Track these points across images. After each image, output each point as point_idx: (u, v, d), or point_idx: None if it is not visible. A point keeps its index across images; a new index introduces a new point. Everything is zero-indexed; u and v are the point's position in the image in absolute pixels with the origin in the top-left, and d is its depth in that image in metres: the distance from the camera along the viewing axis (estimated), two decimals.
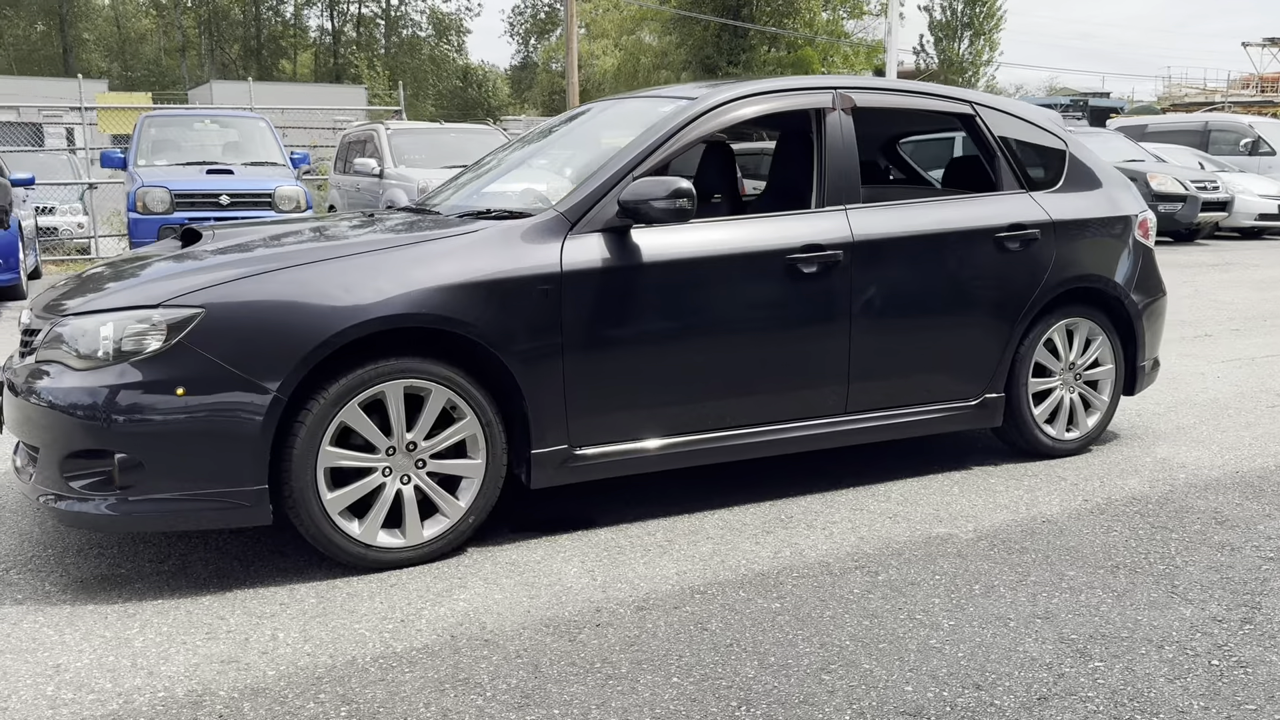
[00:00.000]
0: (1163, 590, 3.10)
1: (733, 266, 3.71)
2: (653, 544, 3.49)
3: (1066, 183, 4.55)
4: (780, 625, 2.87)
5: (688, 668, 2.62)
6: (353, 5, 62.10)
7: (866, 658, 2.68)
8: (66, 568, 3.30)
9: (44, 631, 2.84)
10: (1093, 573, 3.24)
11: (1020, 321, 4.29)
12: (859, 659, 2.67)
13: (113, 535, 3.55)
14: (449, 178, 4.60)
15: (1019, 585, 3.14)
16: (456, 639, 2.78)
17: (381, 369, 3.16)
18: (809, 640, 2.78)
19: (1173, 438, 4.84)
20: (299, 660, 2.66)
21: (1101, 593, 3.08)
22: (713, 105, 3.87)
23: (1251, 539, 3.53)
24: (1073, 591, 3.09)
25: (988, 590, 3.11)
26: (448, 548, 3.35)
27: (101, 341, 3.01)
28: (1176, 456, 4.53)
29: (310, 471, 3.10)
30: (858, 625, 2.87)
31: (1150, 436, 4.88)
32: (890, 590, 3.11)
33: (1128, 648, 2.73)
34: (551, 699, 2.47)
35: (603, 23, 55.29)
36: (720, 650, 2.72)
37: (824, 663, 2.65)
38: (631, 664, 2.64)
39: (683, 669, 2.61)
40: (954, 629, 2.85)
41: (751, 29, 40.65)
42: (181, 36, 61.35)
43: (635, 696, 2.48)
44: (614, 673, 2.60)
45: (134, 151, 10.34)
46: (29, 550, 3.45)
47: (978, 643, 2.76)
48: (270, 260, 3.20)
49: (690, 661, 2.65)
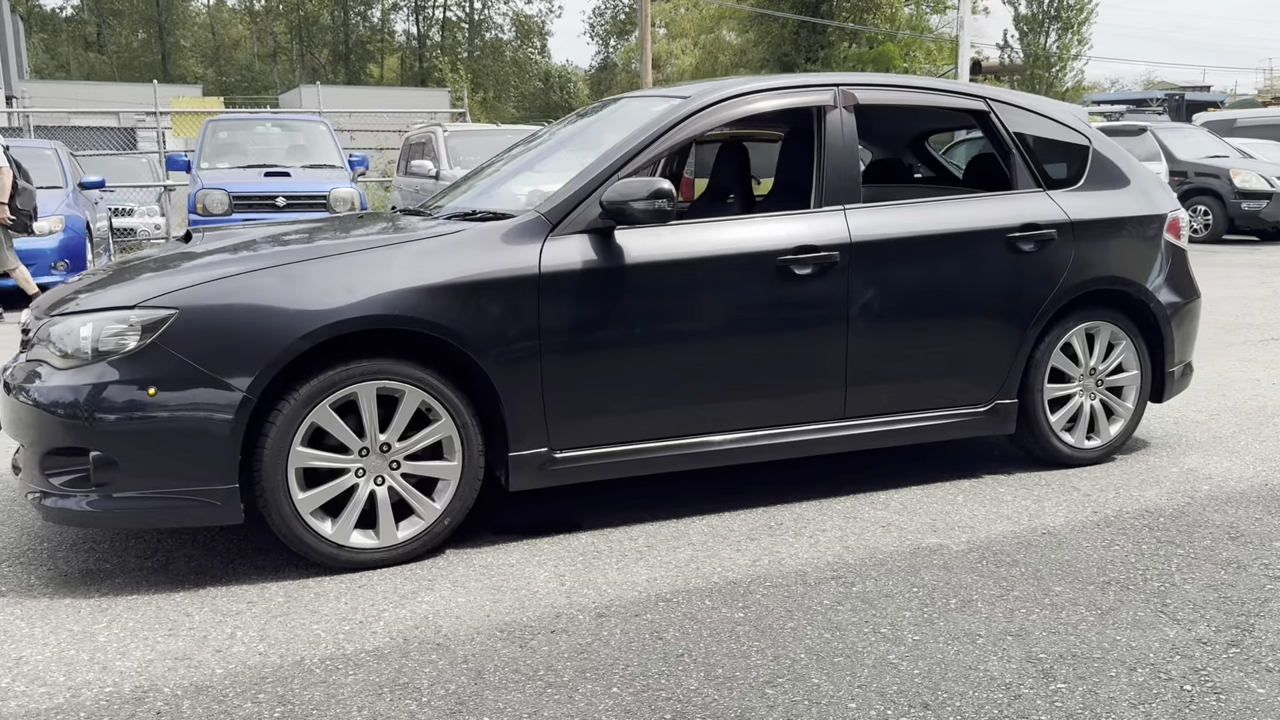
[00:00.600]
0: (1151, 609, 2.95)
1: (720, 268, 3.64)
2: (632, 549, 3.45)
3: (1089, 181, 4.38)
4: (738, 636, 2.80)
5: (631, 678, 2.57)
6: (438, 10, 63.13)
7: (818, 672, 2.60)
8: (56, 562, 3.39)
9: (16, 624, 2.91)
10: (1081, 588, 3.10)
11: (1034, 325, 4.13)
12: (809, 673, 2.59)
13: (106, 531, 3.63)
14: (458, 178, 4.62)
15: (998, 600, 3.02)
16: (408, 642, 2.78)
17: (353, 370, 3.18)
18: (763, 652, 2.71)
19: (1207, 447, 4.62)
20: (249, 659, 2.69)
21: (1084, 610, 2.95)
22: (704, 105, 3.81)
23: (1262, 556, 3.34)
24: (1054, 608, 2.96)
25: (964, 604, 3.00)
26: (423, 549, 3.35)
27: (81, 341, 3.08)
28: (1205, 467, 4.32)
29: (281, 472, 3.13)
30: (818, 638, 2.79)
31: (1182, 445, 4.67)
32: (861, 602, 3.01)
33: (1097, 669, 2.61)
34: (485, 706, 2.45)
35: (682, 22, 55.29)
36: (670, 660, 2.66)
37: (772, 676, 2.58)
38: (575, 672, 2.61)
39: (625, 679, 2.57)
40: (917, 644, 2.75)
41: (830, 25, 40.18)
42: (273, 42, 63.08)
43: (571, 706, 2.45)
44: (556, 681, 2.56)
45: (198, 154, 10.64)
46: (25, 544, 3.55)
47: (938, 659, 2.66)
48: (245, 263, 3.24)
49: (635, 671, 2.61)
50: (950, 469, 4.32)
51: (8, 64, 43.97)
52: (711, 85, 3.94)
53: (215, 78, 62.48)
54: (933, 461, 4.43)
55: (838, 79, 4.06)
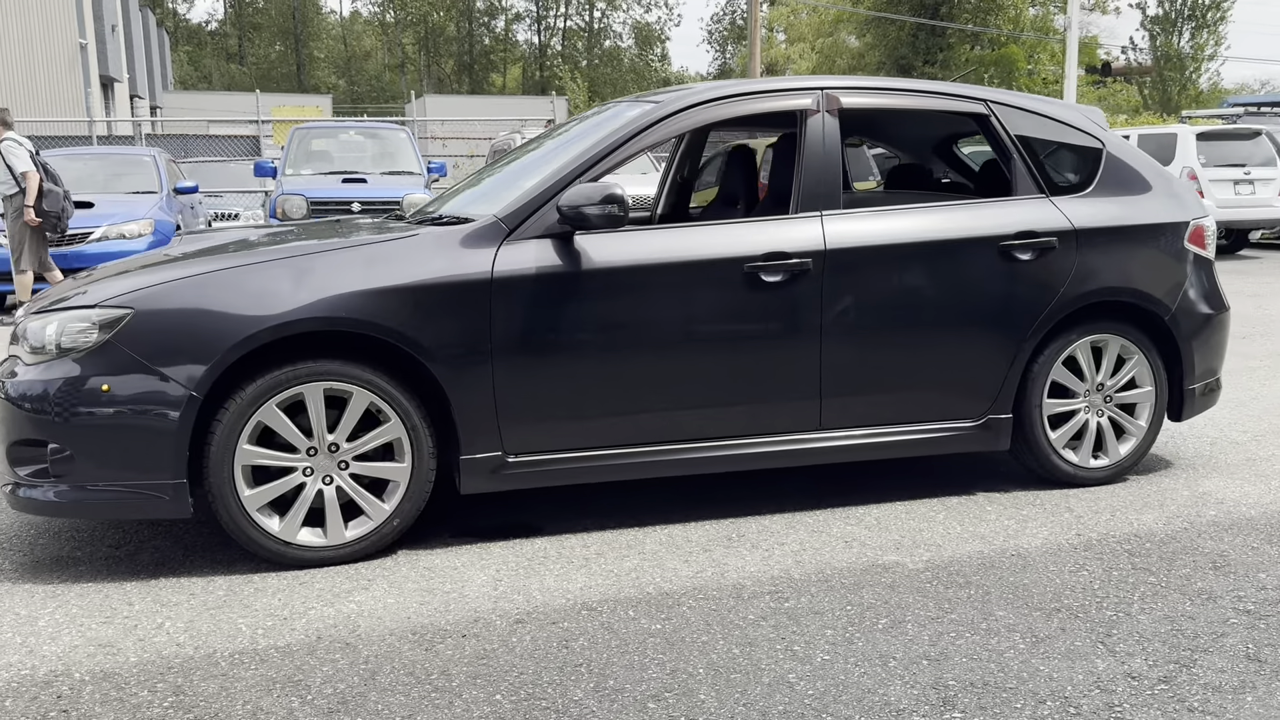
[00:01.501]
0: (1091, 639, 2.79)
1: (683, 275, 3.59)
2: (580, 556, 3.43)
3: (1100, 186, 4.16)
4: (645, 648, 2.76)
5: (518, 686, 2.56)
6: (559, 19, 64.10)
7: (709, 688, 2.54)
8: (34, 549, 3.56)
9: None
10: (1025, 614, 2.95)
11: (1030, 337, 3.95)
12: (699, 689, 2.54)
13: (89, 521, 3.79)
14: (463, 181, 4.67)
15: (931, 622, 2.90)
16: (320, 640, 2.82)
17: (299, 371, 3.25)
18: (663, 665, 2.66)
19: (1233, 470, 4.34)
20: (166, 649, 2.77)
21: (1018, 637, 2.80)
22: (676, 110, 3.77)
23: (1239, 587, 3.12)
24: (987, 634, 2.83)
25: (893, 625, 2.88)
26: (371, 549, 3.40)
27: (47, 338, 3.23)
28: (1221, 491, 4.06)
29: (228, 469, 3.22)
30: (724, 653, 2.72)
31: (1207, 467, 4.39)
32: (787, 619, 2.93)
33: (1004, 700, 2.48)
34: (365, 707, 2.47)
35: (800, 26, 54.84)
36: (565, 670, 2.64)
37: (660, 690, 2.53)
38: (467, 678, 2.61)
39: (513, 687, 2.56)
40: (824, 664, 2.66)
41: (949, 28, 39.23)
42: (401, 53, 65.05)
43: (449, 711, 2.45)
44: (444, 686, 2.57)
45: (284, 161, 11.05)
46: (13, 531, 3.74)
47: (839, 681, 2.57)
48: (202, 265, 3.35)
49: (526, 680, 2.59)
50: (944, 485, 4.17)
51: (153, 76, 46.53)
52: (685, 90, 3.90)
53: (346, 88, 64.79)
54: (927, 476, 4.28)
55: (823, 82, 3.96)
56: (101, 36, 33.69)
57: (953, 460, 4.48)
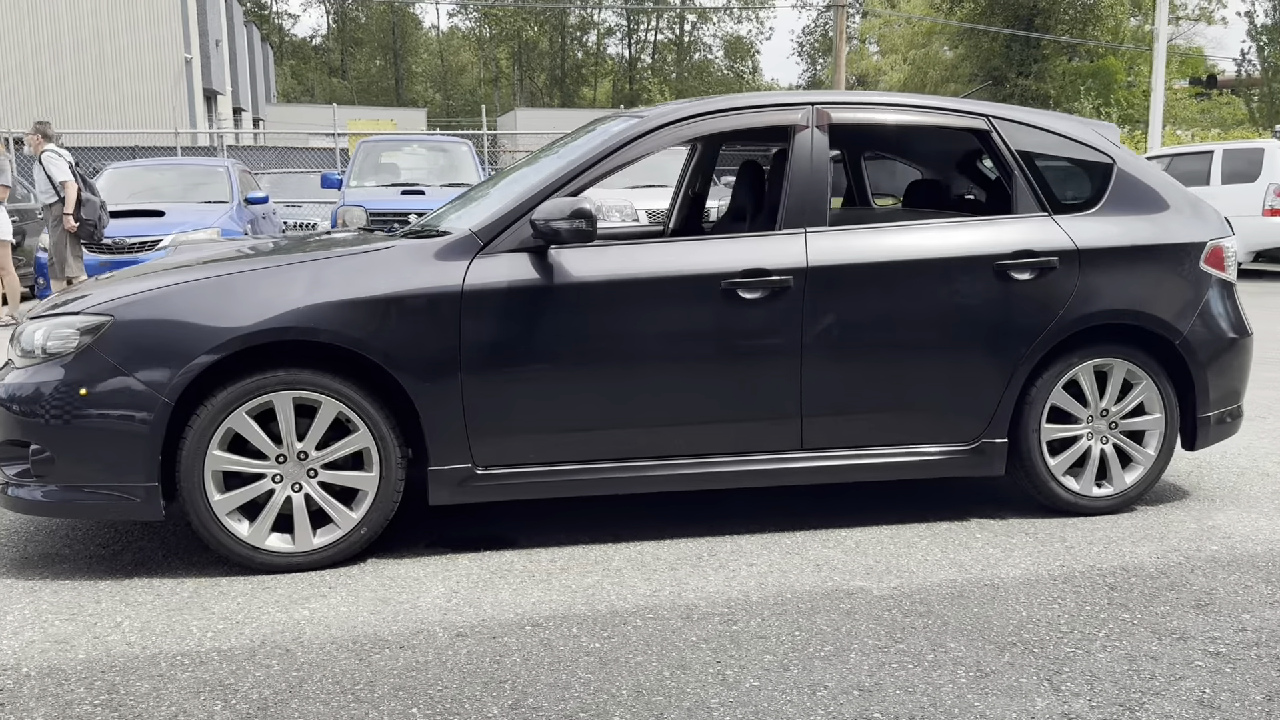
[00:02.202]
0: (1038, 676, 2.68)
1: (658, 290, 3.57)
2: (543, 571, 3.43)
3: (1109, 204, 4.01)
4: (577, 667, 2.74)
5: (437, 700, 2.57)
6: (650, 33, 64.47)
7: (626, 710, 2.51)
8: (26, 546, 3.70)
9: None
10: (978, 647, 2.85)
11: (1025, 359, 3.82)
12: (615, 711, 2.51)
13: (82, 521, 3.91)
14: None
15: (876, 651, 2.82)
16: (263, 645, 2.87)
17: (268, 380, 3.31)
18: (587, 685, 2.64)
19: (1254, 503, 4.13)
20: (115, 648, 2.85)
21: (962, 671, 2.71)
22: (658, 125, 3.75)
23: (1215, 628, 2.96)
24: (931, 666, 2.74)
25: (837, 653, 2.81)
26: (339, 556, 3.45)
27: (35, 343, 3.36)
28: (1232, 525, 3.87)
29: (198, 473, 3.30)
30: (653, 675, 2.69)
31: (1226, 498, 4.19)
32: (729, 642, 2.88)
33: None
34: (284, 714, 2.50)
35: (892, 38, 54.14)
36: (490, 687, 2.64)
37: (576, 711, 2.51)
38: (391, 689, 2.62)
39: (432, 701, 2.56)
40: (751, 691, 2.60)
41: (1044, 39, 38.29)
42: (495, 68, 66.16)
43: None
44: (366, 697, 2.59)
45: (349, 173, 11.32)
46: (12, 528, 3.88)
47: (760, 709, 2.51)
48: (182, 275, 3.44)
49: (448, 694, 2.60)
50: (937, 510, 4.05)
51: (256, 89, 48.18)
52: (671, 106, 3.88)
53: (442, 101, 66.17)
54: (921, 501, 4.16)
55: (815, 97, 3.90)
56: (206, 51, 35.02)
57: (952, 485, 4.36)
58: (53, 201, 9.11)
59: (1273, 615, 3.06)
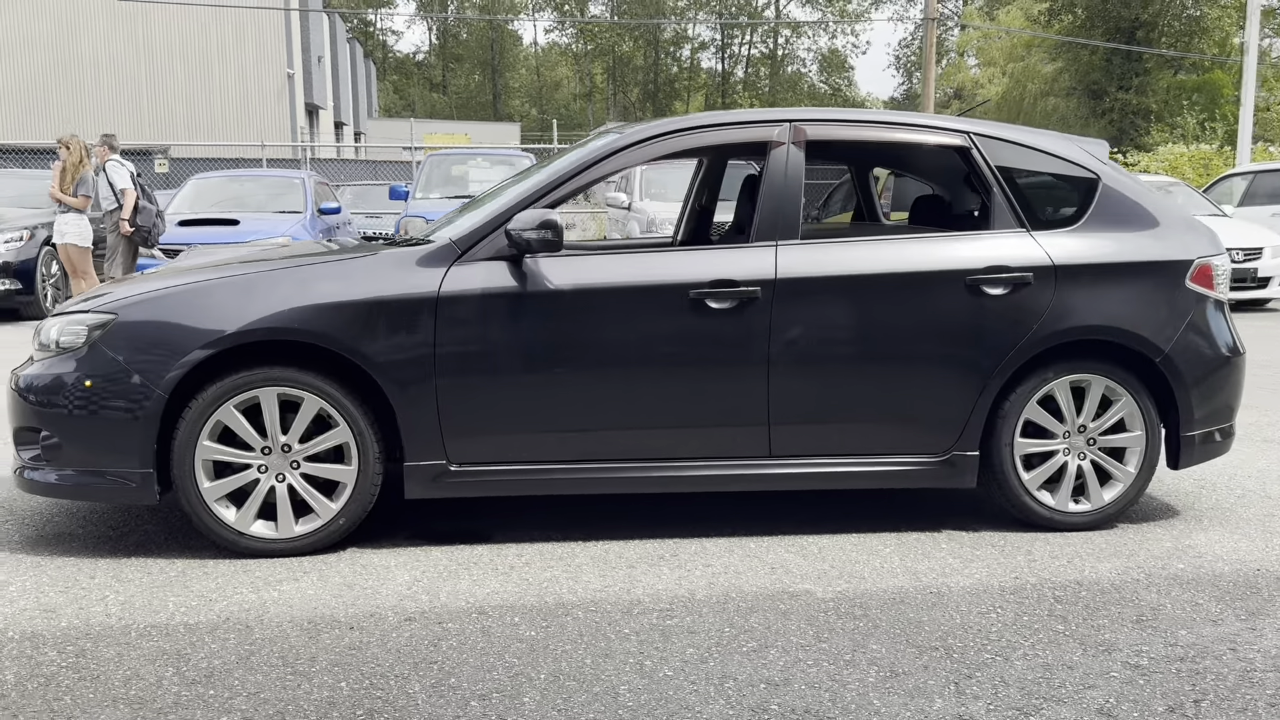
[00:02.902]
0: (946, 680, 2.74)
1: (627, 299, 3.72)
2: (506, 565, 3.59)
3: (1092, 221, 4.02)
4: (506, 652, 2.89)
5: (366, 676, 2.75)
6: (744, 47, 64.57)
7: (538, 693, 2.66)
8: (45, 525, 4.00)
9: None
10: (899, 650, 2.91)
11: (997, 374, 3.86)
12: (527, 693, 2.66)
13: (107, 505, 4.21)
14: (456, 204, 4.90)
15: (796, 649, 2.91)
16: (227, 622, 3.09)
17: (254, 376, 3.56)
18: (509, 669, 2.79)
19: (1240, 525, 4.08)
20: (94, 619, 3.11)
21: (873, 672, 2.78)
22: (636, 140, 3.90)
23: (1146, 642, 2.97)
24: (845, 665, 2.82)
25: (758, 650, 2.91)
26: (319, 544, 3.66)
27: (51, 337, 3.67)
28: (1207, 545, 3.83)
29: (189, 462, 3.55)
30: (575, 662, 2.83)
31: (1213, 518, 4.14)
32: (659, 636, 3.00)
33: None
34: (224, 682, 2.70)
35: (990, 51, 53.24)
36: (418, 666, 2.81)
37: (491, 691, 2.67)
38: (328, 665, 2.81)
39: (361, 677, 2.74)
40: (663, 680, 2.72)
41: (1146, 52, 37.26)
42: (589, 83, 66.98)
43: (293, 692, 2.66)
44: (304, 670, 2.78)
45: (415, 185, 11.71)
46: (39, 509, 4.21)
47: (664, 697, 2.63)
48: (184, 278, 3.71)
49: (378, 672, 2.78)
50: (912, 520, 4.09)
51: (357, 104, 49.71)
52: (652, 122, 4.02)
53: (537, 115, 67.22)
54: (900, 511, 4.21)
55: (793, 114, 4.01)
56: (308, 67, 36.33)
57: (934, 497, 4.39)
58: (113, 208, 9.70)
59: (1210, 632, 3.05)
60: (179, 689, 2.67)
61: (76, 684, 2.69)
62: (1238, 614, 3.19)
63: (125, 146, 18.36)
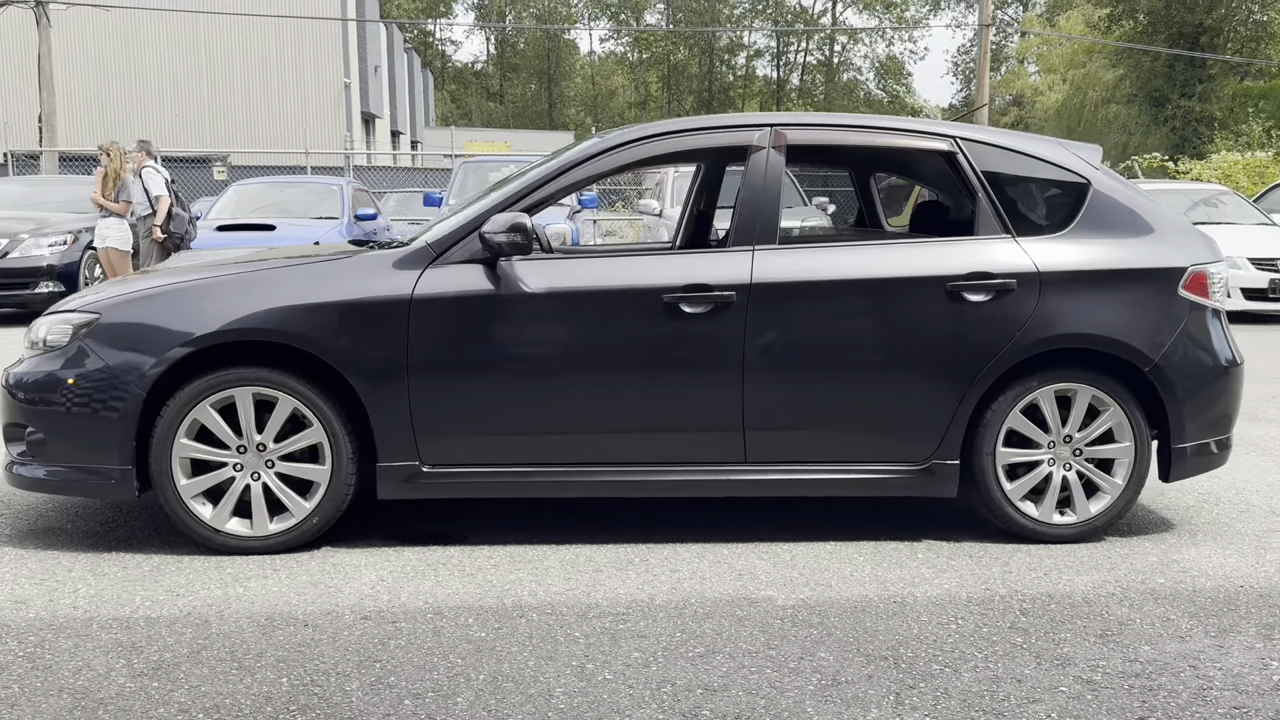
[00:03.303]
0: (888, 690, 2.70)
1: (600, 303, 3.72)
2: (475, 566, 3.61)
3: (1081, 227, 3.94)
4: (452, 653, 2.91)
5: (307, 673, 2.78)
6: (799, 54, 64.30)
7: (473, 693, 2.66)
8: (37, 520, 4.10)
9: None
10: (847, 659, 2.88)
11: (978, 381, 3.79)
12: (463, 693, 2.67)
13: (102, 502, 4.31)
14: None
15: (744, 655, 2.88)
16: (187, 615, 3.15)
17: (230, 376, 3.62)
18: (450, 669, 2.80)
19: (1236, 541, 3.96)
20: (61, 610, 3.18)
21: (816, 679, 2.75)
22: (612, 145, 3.91)
23: (1104, 658, 2.90)
24: (789, 673, 2.79)
25: (704, 655, 2.89)
26: (294, 543, 3.71)
27: (39, 336, 3.77)
28: (1196, 561, 3.72)
29: (167, 459, 3.62)
30: (518, 664, 2.83)
31: (1209, 533, 4.03)
32: (608, 639, 3.00)
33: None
34: (171, 675, 2.75)
35: (1051, 58, 52.43)
36: (362, 664, 2.83)
37: (426, 690, 2.68)
38: (274, 661, 2.85)
39: (303, 673, 2.77)
40: (601, 683, 2.72)
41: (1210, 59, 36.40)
42: (644, 91, 67.17)
43: (235, 685, 2.69)
44: (249, 665, 2.82)
45: (449, 191, 11.83)
46: (34, 505, 4.31)
47: (597, 700, 2.63)
48: (165, 279, 3.79)
49: (319, 669, 2.80)
50: (896, 529, 4.03)
51: (414, 112, 50.39)
52: (632, 127, 4.03)
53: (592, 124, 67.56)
54: (885, 519, 4.14)
55: (774, 119, 3.98)
56: (364, 76, 36.95)
57: (922, 506, 4.31)
58: (147, 214, 9.92)
59: (1174, 648, 2.97)
60: (125, 680, 2.72)
61: (28, 673, 2.76)
62: (1208, 631, 3.10)
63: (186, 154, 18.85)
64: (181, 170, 17.84)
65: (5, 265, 10.41)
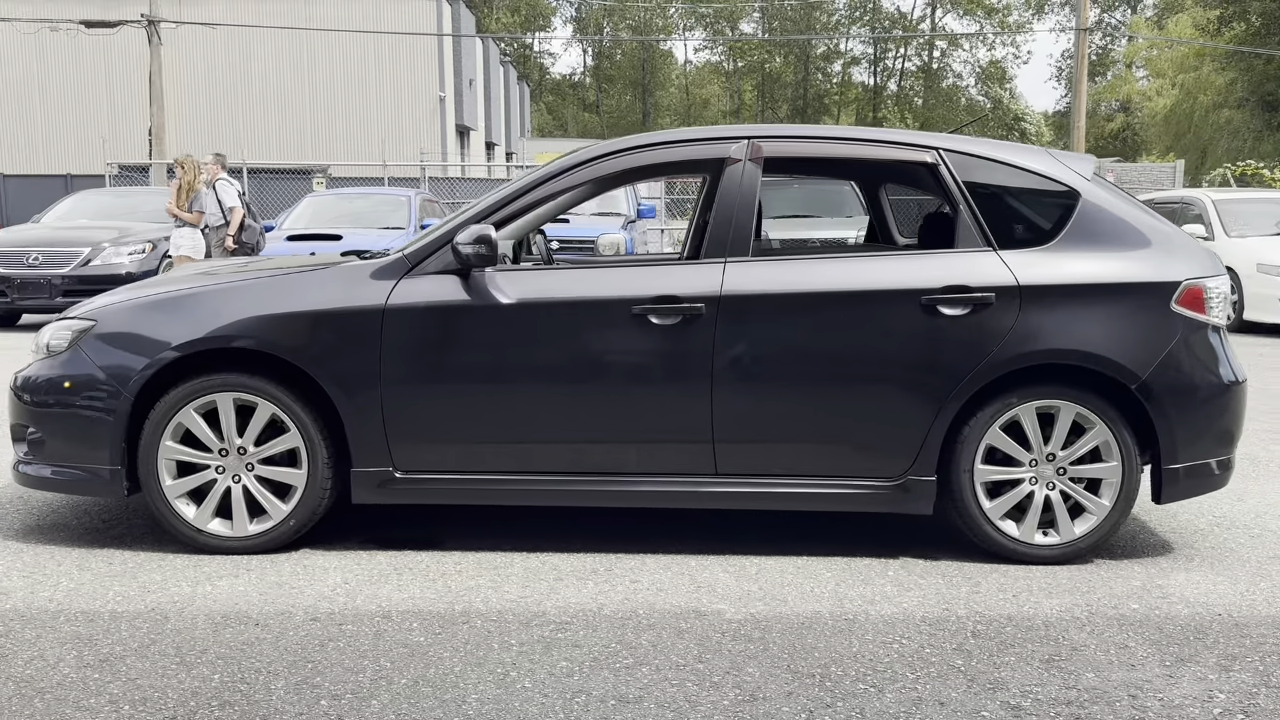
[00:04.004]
0: (800, 709, 2.66)
1: (569, 314, 3.75)
2: (439, 572, 3.67)
3: (1069, 239, 3.83)
4: (383, 656, 2.97)
5: (239, 670, 2.87)
6: (897, 61, 63.39)
7: (388, 696, 2.72)
8: (43, 515, 4.31)
9: None
10: (773, 676, 2.85)
11: (954, 396, 3.71)
12: (378, 696, 2.72)
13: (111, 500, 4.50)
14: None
15: (669, 669, 2.88)
16: (151, 611, 3.28)
17: (212, 382, 3.76)
18: (378, 671, 2.86)
19: (1233, 566, 3.79)
20: (39, 603, 3.34)
21: (734, 695, 2.73)
22: (588, 158, 3.95)
23: (1042, 684, 2.81)
24: (709, 688, 2.77)
25: (631, 667, 2.90)
26: (272, 544, 3.83)
27: (44, 341, 3.97)
28: (1181, 587, 3.58)
29: (153, 461, 3.78)
30: (443, 670, 2.88)
31: (1207, 558, 3.86)
32: (541, 648, 3.02)
33: None
34: (114, 667, 2.87)
35: (1159, 62, 50.71)
36: (294, 665, 2.91)
37: (345, 692, 2.74)
38: (214, 658, 2.94)
39: (235, 670, 2.87)
40: (518, 692, 2.75)
41: None
42: (738, 100, 67.04)
43: (171, 679, 2.80)
44: (191, 660, 2.92)
45: None
46: (47, 501, 4.53)
47: (507, 708, 2.65)
48: (159, 288, 3.96)
49: (251, 667, 2.89)
50: (873, 546, 3.96)
51: (510, 124, 51.21)
52: (613, 141, 4.06)
53: None
54: (868, 534, 4.08)
55: (751, 131, 3.97)
56: (459, 90, 37.69)
57: (916, 524, 4.22)
58: (219, 224, 10.29)
59: (1118, 677, 2.86)
60: (70, 671, 2.85)
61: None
62: (1163, 660, 2.97)
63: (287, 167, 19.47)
64: (283, 182, 18.51)
65: (88, 272, 10.94)
